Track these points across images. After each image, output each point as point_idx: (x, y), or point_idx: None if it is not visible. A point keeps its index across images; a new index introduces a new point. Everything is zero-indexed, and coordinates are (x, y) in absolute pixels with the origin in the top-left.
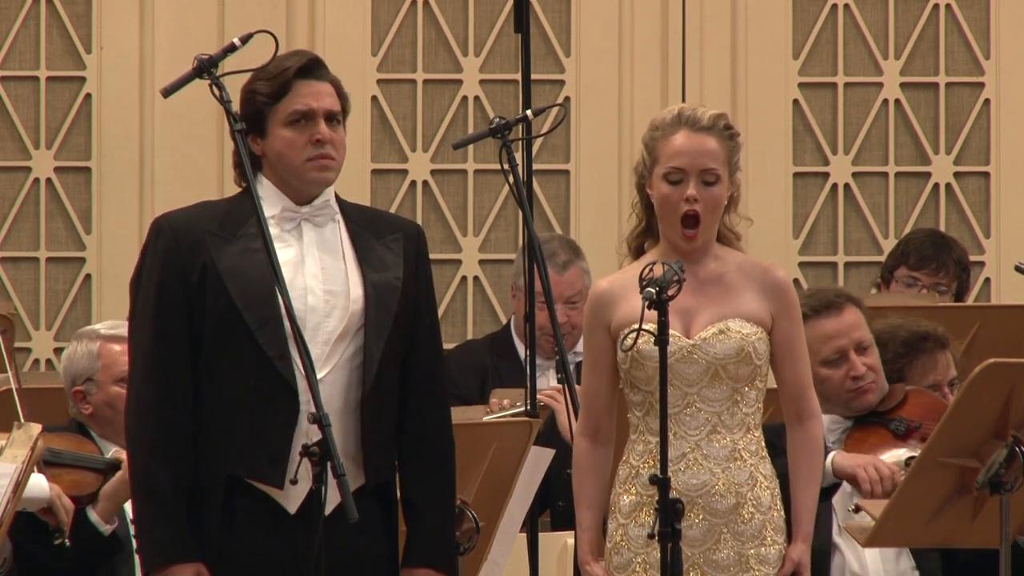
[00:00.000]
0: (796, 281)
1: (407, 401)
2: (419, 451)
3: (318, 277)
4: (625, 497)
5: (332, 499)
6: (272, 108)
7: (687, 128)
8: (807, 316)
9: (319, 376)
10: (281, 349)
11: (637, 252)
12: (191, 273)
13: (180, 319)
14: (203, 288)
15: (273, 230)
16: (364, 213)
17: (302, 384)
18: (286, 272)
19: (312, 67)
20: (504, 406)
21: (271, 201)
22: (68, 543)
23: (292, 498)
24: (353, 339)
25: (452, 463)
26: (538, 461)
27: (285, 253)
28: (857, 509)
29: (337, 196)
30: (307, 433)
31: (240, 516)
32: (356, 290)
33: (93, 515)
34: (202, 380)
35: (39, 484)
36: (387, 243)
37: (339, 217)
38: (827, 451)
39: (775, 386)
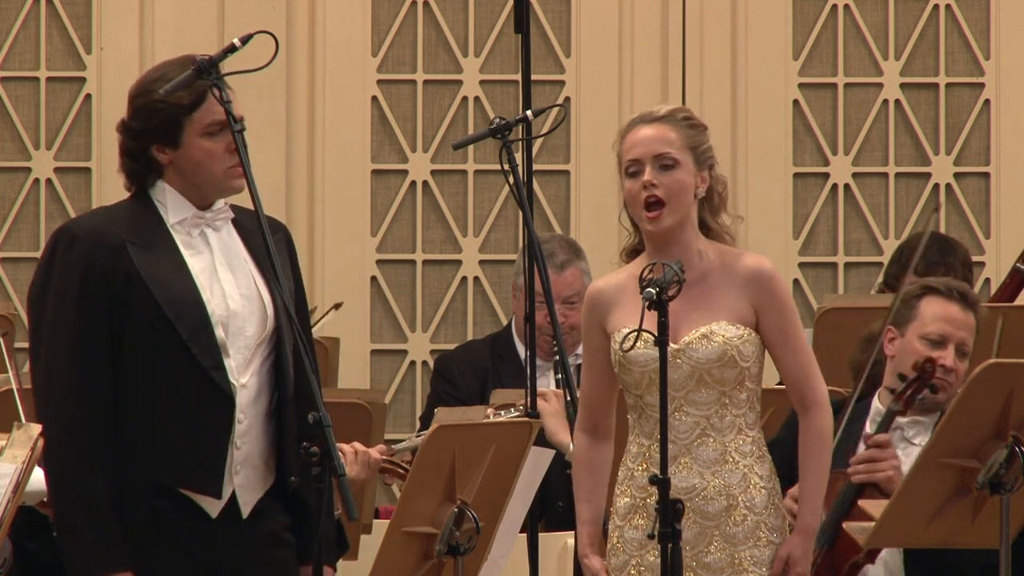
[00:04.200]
0: (796, 282)
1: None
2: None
3: (232, 283)
4: (621, 499)
5: (249, 500)
6: (188, 118)
7: (641, 123)
8: (936, 290)
9: (243, 381)
10: (215, 359)
11: (631, 256)
12: (113, 281)
13: (103, 328)
14: (126, 297)
15: (182, 237)
16: (246, 214)
17: (235, 390)
18: (203, 279)
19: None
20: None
21: (177, 207)
22: None
23: (214, 502)
24: (268, 343)
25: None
26: (538, 461)
27: (199, 260)
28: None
29: None
30: (239, 440)
31: (164, 520)
32: (267, 295)
33: None
34: (125, 389)
35: (37, 477)
36: (275, 244)
37: (231, 220)
38: (861, 431)
39: (773, 386)
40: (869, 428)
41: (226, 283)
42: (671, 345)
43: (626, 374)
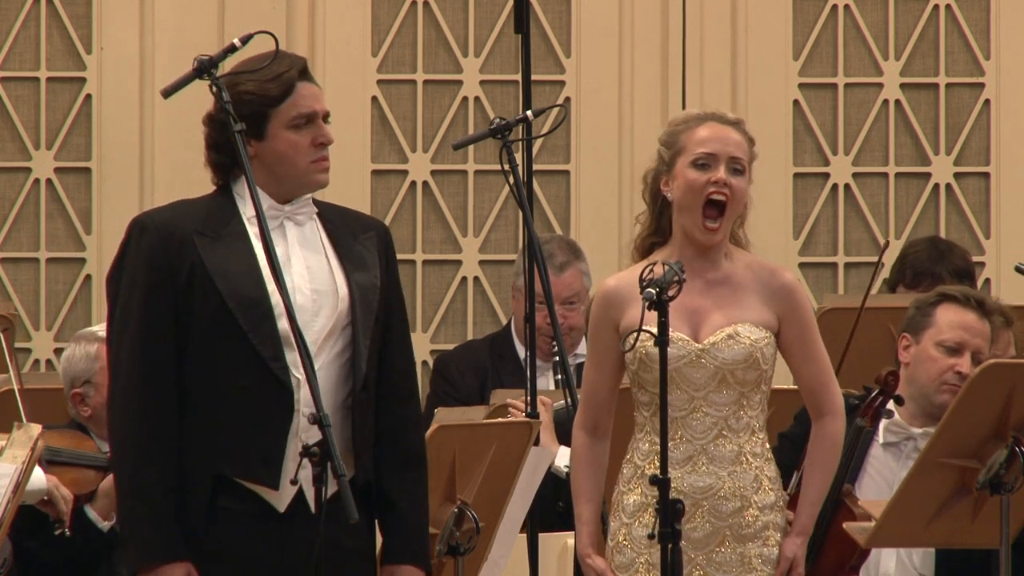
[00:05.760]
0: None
1: (381, 399)
2: (394, 449)
3: (304, 276)
4: (629, 497)
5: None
6: (275, 110)
7: (714, 120)
8: (953, 298)
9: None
10: (275, 350)
11: (646, 253)
12: (179, 272)
13: (168, 319)
14: (191, 288)
15: (257, 229)
16: (336, 211)
17: (296, 383)
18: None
19: (307, 69)
20: None
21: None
22: (68, 532)
23: (282, 497)
24: (340, 337)
25: (426, 461)
26: (538, 461)
27: None
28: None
29: None
30: (299, 433)
31: (227, 515)
32: (343, 288)
33: (92, 512)
34: (189, 379)
35: (37, 476)
36: (363, 241)
37: (315, 215)
38: (870, 444)
39: (778, 387)
40: (881, 437)
41: (297, 277)
42: (695, 344)
43: (646, 372)
